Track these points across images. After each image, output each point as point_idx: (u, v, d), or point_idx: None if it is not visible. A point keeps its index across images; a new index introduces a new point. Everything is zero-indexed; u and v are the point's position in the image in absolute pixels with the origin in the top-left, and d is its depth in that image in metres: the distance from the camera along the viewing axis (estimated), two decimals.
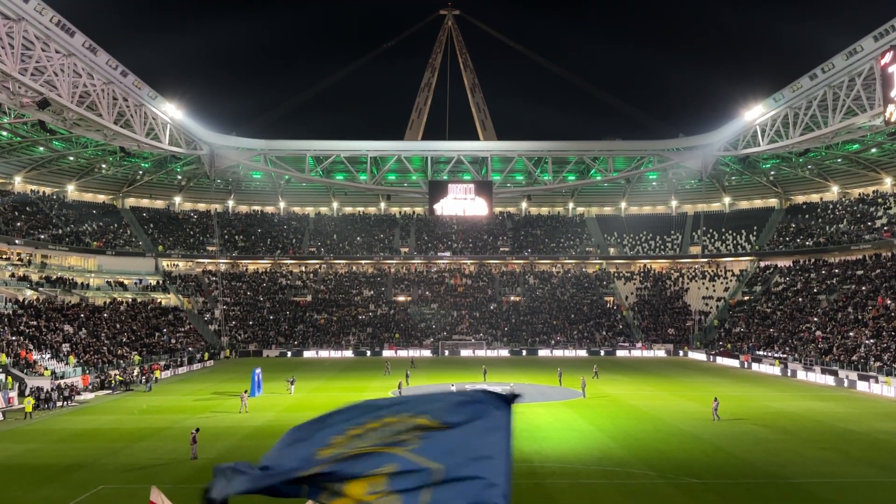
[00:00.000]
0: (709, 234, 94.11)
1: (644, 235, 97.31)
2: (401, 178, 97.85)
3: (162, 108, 68.33)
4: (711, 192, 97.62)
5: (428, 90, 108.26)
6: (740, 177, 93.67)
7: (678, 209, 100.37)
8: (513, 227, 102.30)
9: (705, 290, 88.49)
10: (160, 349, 66.75)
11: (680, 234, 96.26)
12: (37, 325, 56.41)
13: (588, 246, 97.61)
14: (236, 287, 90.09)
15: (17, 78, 47.46)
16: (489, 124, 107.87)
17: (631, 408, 40.29)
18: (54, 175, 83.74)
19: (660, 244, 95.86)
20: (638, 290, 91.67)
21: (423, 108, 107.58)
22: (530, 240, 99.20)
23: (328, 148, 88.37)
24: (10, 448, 30.30)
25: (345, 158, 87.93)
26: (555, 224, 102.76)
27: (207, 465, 26.39)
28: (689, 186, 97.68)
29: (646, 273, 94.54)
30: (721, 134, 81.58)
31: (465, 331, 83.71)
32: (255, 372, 47.23)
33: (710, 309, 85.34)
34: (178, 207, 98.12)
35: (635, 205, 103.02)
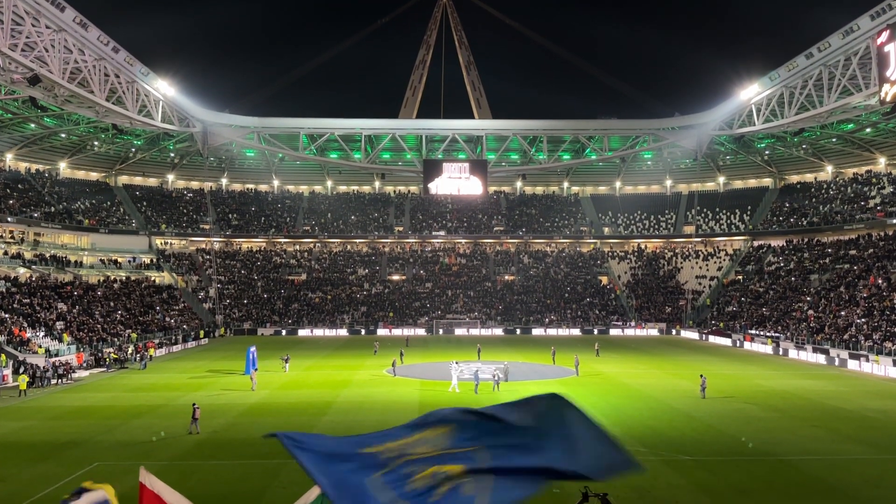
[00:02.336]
0: (703, 214, 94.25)
1: (638, 215, 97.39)
2: (395, 157, 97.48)
3: (154, 84, 67.67)
4: (706, 171, 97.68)
5: (423, 68, 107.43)
6: (735, 156, 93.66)
7: (673, 189, 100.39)
8: (507, 206, 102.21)
9: (699, 270, 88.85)
10: (155, 327, 66.78)
11: (674, 214, 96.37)
12: (30, 303, 56.29)
13: (582, 225, 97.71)
14: (230, 265, 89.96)
15: (7, 53, 46.88)
16: (484, 102, 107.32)
17: (623, 386, 40.58)
18: (46, 152, 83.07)
19: (654, 223, 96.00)
20: (632, 269, 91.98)
21: (418, 86, 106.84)
22: (525, 219, 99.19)
23: (322, 126, 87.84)
24: (5, 426, 30.36)
25: (339, 136, 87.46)
26: (549, 203, 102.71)
27: (203, 441, 26.60)
28: (684, 166, 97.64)
29: (640, 252, 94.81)
30: (716, 113, 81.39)
31: (460, 310, 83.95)
32: (250, 350, 47.23)
33: (703, 288, 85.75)
34: (171, 185, 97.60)
35: (630, 184, 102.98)
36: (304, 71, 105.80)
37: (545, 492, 4.47)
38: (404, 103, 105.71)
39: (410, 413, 31.93)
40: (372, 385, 40.85)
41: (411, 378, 43.40)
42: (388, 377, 44.19)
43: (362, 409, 33.06)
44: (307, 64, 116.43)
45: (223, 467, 22.93)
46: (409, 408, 33.33)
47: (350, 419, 30.88)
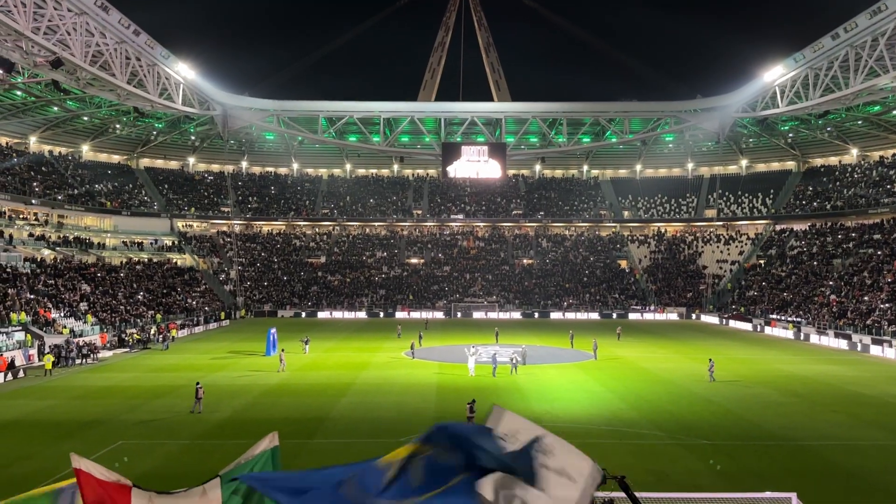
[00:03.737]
0: (724, 197, 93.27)
1: (659, 198, 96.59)
2: (414, 140, 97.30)
3: (175, 67, 67.98)
4: (728, 154, 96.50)
5: (441, 50, 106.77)
6: (758, 139, 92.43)
7: (694, 172, 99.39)
8: (526, 189, 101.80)
9: (720, 254, 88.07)
10: (177, 308, 67.60)
11: (695, 197, 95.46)
12: (55, 284, 57.17)
13: (602, 209, 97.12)
14: (251, 248, 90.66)
15: (30, 37, 47.29)
16: (503, 85, 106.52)
17: (642, 370, 40.49)
18: (69, 135, 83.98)
19: (675, 207, 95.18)
20: (652, 253, 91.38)
21: (437, 68, 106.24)
22: (544, 202, 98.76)
23: (341, 109, 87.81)
24: (31, 404, 30.99)
25: (358, 120, 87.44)
26: (569, 187, 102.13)
27: (225, 421, 26.98)
28: (706, 149, 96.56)
29: (660, 236, 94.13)
30: (739, 95, 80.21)
31: (478, 293, 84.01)
32: (271, 332, 47.82)
33: (724, 272, 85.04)
34: (192, 168, 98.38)
35: (651, 167, 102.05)
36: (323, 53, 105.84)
37: None
38: (423, 86, 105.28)
39: (428, 395, 32.16)
40: (391, 367, 41.10)
41: (430, 361, 43.60)
42: (406, 359, 44.44)
43: (381, 391, 33.31)
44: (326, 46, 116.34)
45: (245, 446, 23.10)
46: (427, 390, 33.55)
47: (369, 400, 31.14)
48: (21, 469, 20.89)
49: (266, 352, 46.39)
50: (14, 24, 45.26)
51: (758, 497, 14.69)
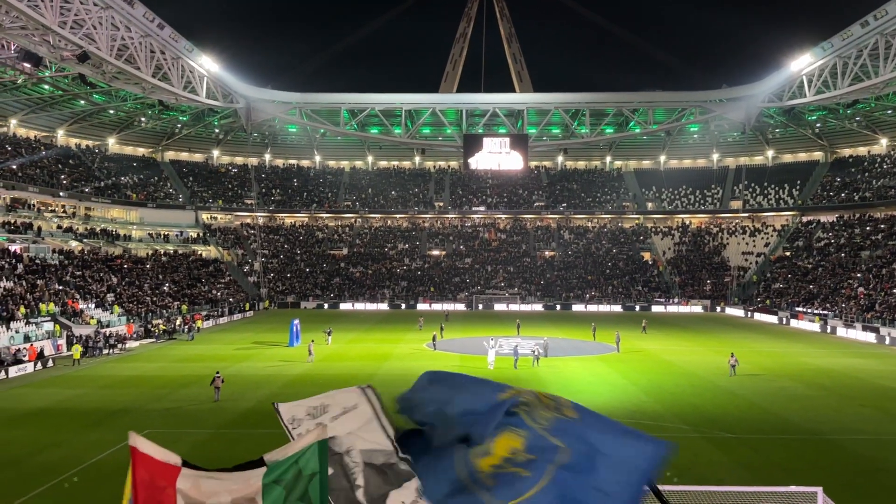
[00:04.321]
0: (750, 189, 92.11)
1: (683, 189, 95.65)
2: (435, 132, 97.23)
3: (198, 60, 68.52)
4: (754, 144, 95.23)
5: (463, 41, 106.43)
6: (784, 129, 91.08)
7: (719, 162, 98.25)
8: (548, 181, 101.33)
9: (745, 246, 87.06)
10: (202, 299, 68.38)
11: (720, 189, 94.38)
12: (82, 276, 58.07)
13: (625, 200, 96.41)
14: (274, 240, 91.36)
15: (57, 31, 47.93)
16: (525, 76, 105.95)
17: (665, 363, 40.23)
18: (95, 128, 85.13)
19: (699, 198, 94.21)
20: (676, 245, 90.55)
21: (459, 59, 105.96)
22: (566, 194, 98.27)
23: (363, 101, 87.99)
24: (60, 393, 31.57)
25: (379, 112, 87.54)
26: (591, 178, 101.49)
27: (249, 411, 27.28)
28: (731, 139, 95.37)
29: (684, 228, 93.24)
30: (765, 84, 79.03)
31: (499, 285, 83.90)
32: (294, 323, 48.19)
33: (749, 265, 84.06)
34: (216, 161, 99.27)
35: (675, 158, 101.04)
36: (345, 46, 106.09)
37: None
38: (444, 77, 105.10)
39: None
40: (412, 358, 41.24)
41: (451, 352, 43.69)
42: (428, 351, 44.57)
43: (403, 382, 32.85)
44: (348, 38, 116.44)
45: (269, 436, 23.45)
46: None
47: (392, 391, 31.03)
48: (51, 456, 21.32)
49: (289, 342, 46.79)
50: (41, 19, 45.89)
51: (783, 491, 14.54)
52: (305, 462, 3.81)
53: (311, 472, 3.80)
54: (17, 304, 45.59)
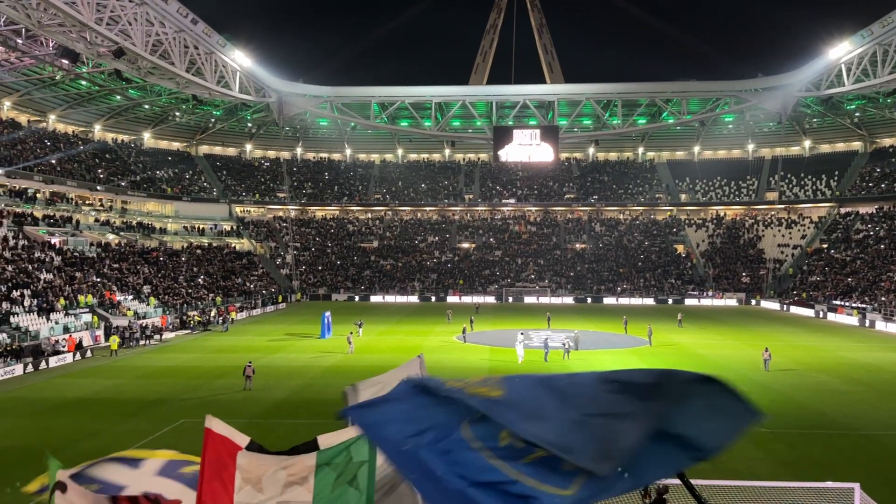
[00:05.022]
0: (787, 180, 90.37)
1: (718, 181, 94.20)
2: (465, 124, 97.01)
3: (231, 55, 69.25)
4: (791, 135, 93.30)
5: (493, 32, 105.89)
6: (822, 119, 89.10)
7: (755, 153, 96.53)
8: (579, 173, 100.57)
9: (781, 238, 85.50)
10: (235, 291, 69.33)
11: (756, 180, 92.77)
12: (119, 268, 59.26)
13: (658, 192, 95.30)
14: (305, 233, 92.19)
15: (94, 27, 48.80)
16: (556, 66, 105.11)
17: (699, 356, 39.75)
18: (131, 123, 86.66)
19: (734, 190, 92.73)
20: (710, 237, 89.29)
21: (489, 51, 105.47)
22: (597, 186, 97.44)
23: (393, 94, 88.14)
24: (98, 383, 32.30)
25: (409, 104, 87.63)
26: (623, 170, 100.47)
27: (282, 401, 27.62)
28: (767, 129, 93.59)
29: (719, 220, 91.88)
30: (802, 73, 77.33)
31: (530, 278, 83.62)
32: (325, 315, 48.64)
33: (785, 257, 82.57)
34: (248, 155, 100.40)
35: (709, 149, 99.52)
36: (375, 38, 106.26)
37: None
38: (474, 69, 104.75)
39: None
40: (442, 351, 41.35)
41: (481, 345, 43.71)
42: (458, 343, 44.63)
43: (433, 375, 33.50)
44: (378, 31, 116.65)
45: (301, 426, 23.77)
46: (478, 374, 33.64)
47: None
48: (90, 445, 21.83)
49: (321, 334, 47.25)
50: (78, 16, 46.76)
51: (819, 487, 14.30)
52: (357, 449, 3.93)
53: (361, 460, 3.91)
54: (56, 295, 46.70)
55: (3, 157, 61.76)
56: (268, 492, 3.85)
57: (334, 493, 3.86)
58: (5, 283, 44.64)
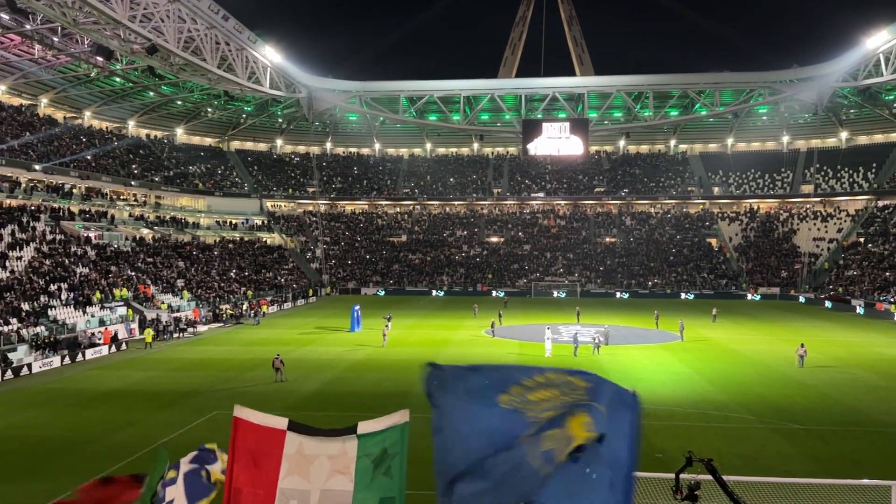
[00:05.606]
0: (822, 172, 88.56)
1: (752, 173, 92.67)
2: (494, 118, 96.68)
3: (262, 51, 69.84)
4: (827, 126, 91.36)
5: (523, 25, 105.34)
6: (859, 110, 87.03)
7: (790, 145, 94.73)
8: (609, 166, 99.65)
9: (816, 231, 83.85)
10: (266, 285, 70.11)
11: (791, 172, 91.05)
12: (153, 262, 60.25)
13: (690, 185, 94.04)
14: (335, 227, 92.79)
15: (127, 25, 49.56)
16: (586, 59, 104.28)
17: (732, 352, 39.21)
18: (164, 119, 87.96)
19: (768, 182, 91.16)
20: (743, 231, 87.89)
21: (518, 43, 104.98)
22: (628, 179, 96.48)
23: (421, 88, 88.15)
24: (133, 375, 32.92)
25: (438, 98, 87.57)
26: (654, 162, 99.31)
27: (313, 394, 27.89)
28: (803, 121, 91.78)
29: (752, 213, 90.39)
30: (839, 63, 75.59)
31: (559, 272, 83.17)
32: (355, 309, 48.97)
33: (821, 251, 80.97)
34: (279, 150, 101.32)
35: (743, 141, 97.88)
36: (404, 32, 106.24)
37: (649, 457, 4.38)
38: (503, 62, 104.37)
39: None
40: (471, 345, 41.37)
41: (510, 339, 43.63)
42: (486, 338, 44.60)
43: None
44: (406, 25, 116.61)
45: (331, 418, 24.00)
46: None
47: None
48: (126, 435, 22.28)
49: (350, 328, 47.58)
50: (113, 14, 47.53)
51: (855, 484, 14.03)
52: (391, 441, 4.02)
53: (395, 452, 3.99)
54: (92, 289, 47.65)
55: (40, 154, 63.10)
56: (314, 481, 3.96)
57: (372, 482, 3.97)
58: (43, 277, 45.66)
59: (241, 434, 4.17)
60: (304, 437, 4.11)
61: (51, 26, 52.68)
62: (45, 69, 64.59)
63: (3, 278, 42.91)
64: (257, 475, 4.05)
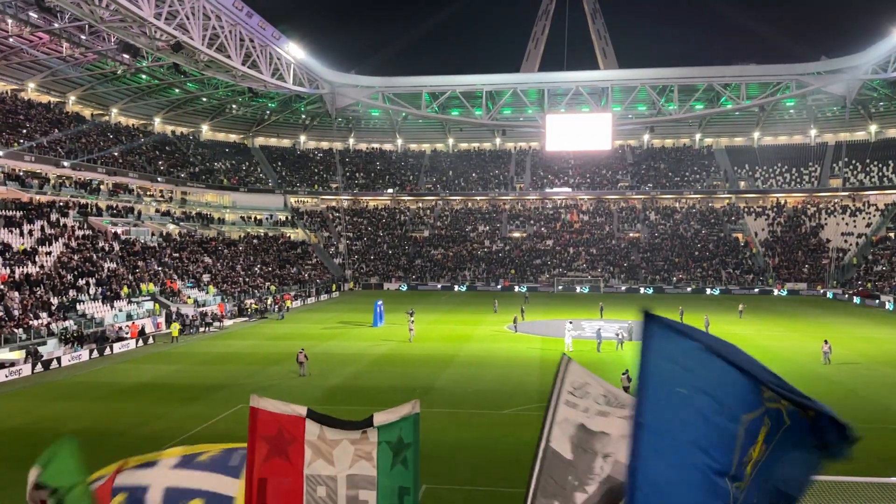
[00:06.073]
0: (851, 166, 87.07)
1: (778, 167, 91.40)
2: (516, 113, 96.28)
3: (285, 48, 70.23)
4: (855, 119, 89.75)
5: (546, 18, 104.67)
6: (889, 102, 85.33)
7: (817, 139, 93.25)
8: (633, 160, 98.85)
9: (845, 226, 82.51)
10: (290, 280, 70.67)
11: (818, 166, 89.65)
12: (179, 257, 60.98)
13: (716, 179, 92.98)
14: (358, 222, 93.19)
15: (153, 22, 50.11)
16: (610, 52, 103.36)
17: (758, 348, 38.72)
18: (189, 116, 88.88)
19: (796, 177, 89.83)
20: (770, 225, 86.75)
21: (541, 37, 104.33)
22: (652, 174, 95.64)
23: (444, 83, 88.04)
24: (160, 369, 33.38)
25: (460, 93, 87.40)
26: (679, 156, 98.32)
27: (335, 388, 28.09)
28: (831, 114, 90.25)
29: (779, 208, 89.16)
30: (868, 55, 74.15)
31: (581, 267, 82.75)
32: (377, 304, 49.16)
33: (849, 246, 79.68)
34: (302, 146, 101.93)
35: (769, 134, 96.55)
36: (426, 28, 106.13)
37: None
38: (526, 57, 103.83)
39: (531, 368, 32.13)
40: (493, 340, 41.35)
41: (532, 335, 43.53)
42: (509, 333, 44.55)
43: (483, 364, 33.60)
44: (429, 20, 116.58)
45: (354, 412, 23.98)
46: (530, 363, 33.56)
47: (472, 372, 31.53)
48: (154, 427, 22.62)
49: (373, 323, 47.79)
50: (139, 11, 48.07)
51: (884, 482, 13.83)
52: (405, 431, 4.05)
53: (409, 442, 4.03)
54: (120, 284, 48.36)
55: (68, 150, 64.09)
56: (338, 465, 4.02)
57: (392, 470, 4.02)
58: (72, 272, 46.43)
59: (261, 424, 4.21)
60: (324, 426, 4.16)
61: (78, 24, 53.51)
62: (72, 67, 65.59)
63: (32, 273, 43.71)
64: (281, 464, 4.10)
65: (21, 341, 35.37)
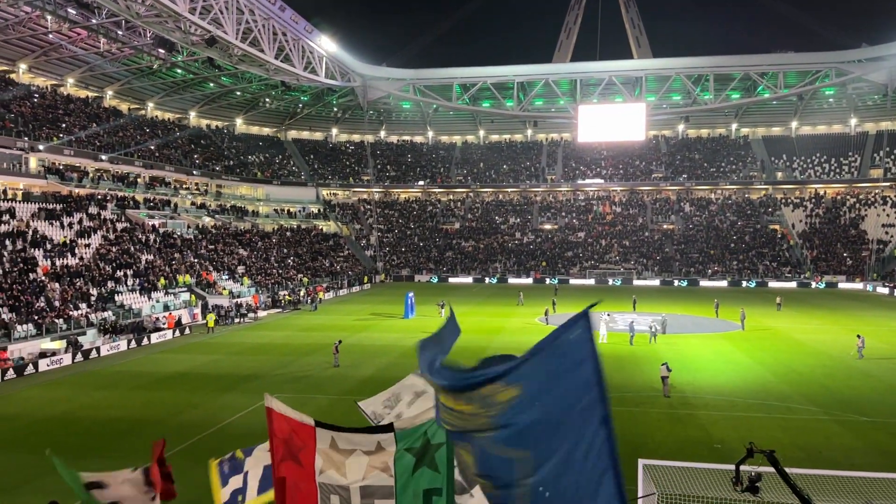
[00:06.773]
0: (893, 156, 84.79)
1: (817, 157, 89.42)
2: (548, 103, 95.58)
3: (317, 41, 70.63)
4: None
5: (578, 8, 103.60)
6: None
7: (857, 128, 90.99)
8: (668, 150, 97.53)
9: (886, 218, 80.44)
10: (323, 272, 71.29)
11: (859, 156, 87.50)
12: (215, 249, 61.87)
13: (752, 170, 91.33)
14: (389, 215, 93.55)
15: (188, 17, 50.77)
16: (644, 41, 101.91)
17: (795, 342, 38.08)
18: (224, 109, 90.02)
19: (835, 167, 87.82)
20: (808, 217, 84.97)
21: (573, 27, 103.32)
22: (687, 164, 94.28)
23: (474, 74, 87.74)
24: (196, 359, 33.97)
25: (491, 85, 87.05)
26: (715, 147, 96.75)
27: (367, 379, 28.30)
28: (872, 102, 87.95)
29: (818, 199, 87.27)
30: None
31: (614, 260, 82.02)
32: (408, 295, 49.37)
33: (890, 238, 77.68)
34: (334, 139, 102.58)
35: (808, 124, 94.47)
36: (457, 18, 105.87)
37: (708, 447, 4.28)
38: (558, 47, 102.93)
39: None
40: (524, 332, 41.22)
41: None
42: (540, 325, 44.37)
43: None
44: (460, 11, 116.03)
45: None
46: None
47: None
48: (190, 416, 23.05)
49: (404, 314, 48.00)
50: (174, 6, 48.74)
51: None
52: (433, 433, 4.03)
53: (439, 442, 4.00)
54: (157, 275, 49.25)
55: (106, 144, 65.31)
56: (351, 476, 3.99)
57: (414, 475, 3.97)
58: (110, 264, 47.41)
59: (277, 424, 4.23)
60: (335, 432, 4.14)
61: (115, 20, 54.43)
62: (109, 62, 66.76)
63: (72, 265, 44.73)
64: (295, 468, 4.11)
65: (62, 331, 36.26)
